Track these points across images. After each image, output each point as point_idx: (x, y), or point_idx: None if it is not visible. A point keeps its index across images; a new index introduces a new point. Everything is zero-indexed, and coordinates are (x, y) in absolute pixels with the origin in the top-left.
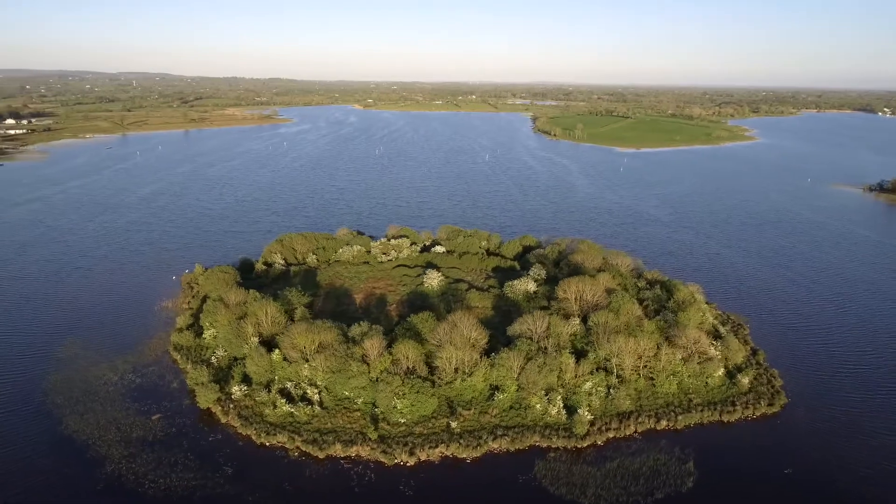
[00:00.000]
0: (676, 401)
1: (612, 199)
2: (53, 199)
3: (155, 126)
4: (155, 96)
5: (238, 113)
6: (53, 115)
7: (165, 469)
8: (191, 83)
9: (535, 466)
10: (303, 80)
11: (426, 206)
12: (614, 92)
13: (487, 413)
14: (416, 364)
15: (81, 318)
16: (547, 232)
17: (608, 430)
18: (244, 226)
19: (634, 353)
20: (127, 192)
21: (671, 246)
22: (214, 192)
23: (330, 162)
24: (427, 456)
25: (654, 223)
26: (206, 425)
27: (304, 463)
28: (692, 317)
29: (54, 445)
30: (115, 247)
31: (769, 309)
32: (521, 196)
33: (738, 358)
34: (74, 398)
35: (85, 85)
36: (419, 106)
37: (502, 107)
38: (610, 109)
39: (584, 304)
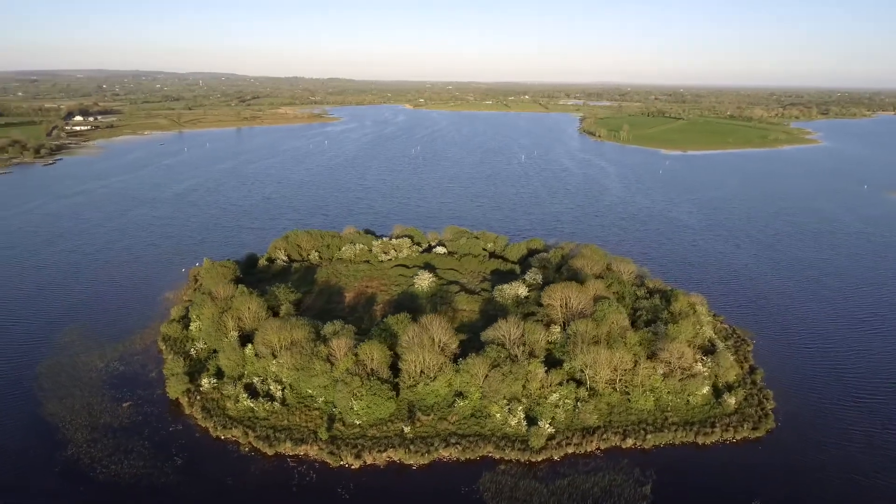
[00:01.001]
0: (651, 418)
1: (643, 203)
2: (96, 193)
3: (209, 124)
4: (217, 95)
5: (289, 112)
6: (119, 112)
7: (120, 455)
8: (253, 83)
9: (480, 478)
10: (360, 80)
11: (447, 207)
12: (674, 92)
13: (446, 420)
14: (380, 366)
15: (86, 307)
16: (566, 236)
17: (568, 445)
18: (264, 222)
19: (609, 364)
20: (164, 187)
21: (693, 254)
22: (245, 188)
23: (364, 161)
24: (373, 459)
25: (682, 229)
26: (171, 415)
27: (252, 459)
28: (684, 329)
29: (29, 427)
30: (137, 240)
31: (783, 326)
32: (548, 198)
33: (730, 376)
34: (59, 383)
35: (156, 84)
36: (469, 106)
37: (553, 107)
38: (663, 110)
39: (569, 311)
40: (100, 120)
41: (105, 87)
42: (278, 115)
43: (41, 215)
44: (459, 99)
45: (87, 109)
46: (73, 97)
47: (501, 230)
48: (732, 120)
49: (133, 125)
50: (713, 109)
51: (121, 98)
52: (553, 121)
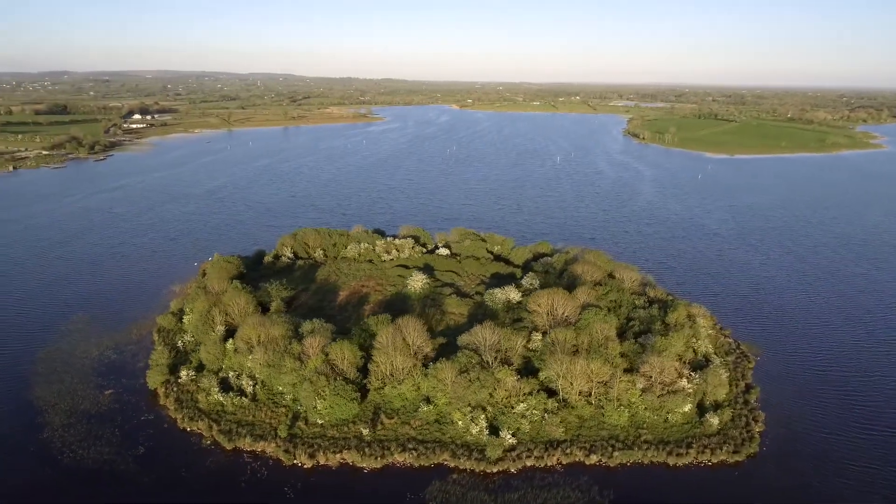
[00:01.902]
0: (623, 434)
1: (674, 208)
2: (133, 188)
3: (258, 123)
4: (272, 95)
5: (335, 111)
6: (176, 111)
7: (89, 441)
8: (309, 83)
9: (429, 486)
10: (413, 81)
11: (468, 208)
12: (734, 94)
13: (409, 424)
14: (349, 366)
15: (97, 297)
16: (582, 241)
17: (528, 458)
18: (284, 220)
19: (583, 375)
20: (198, 184)
21: (716, 264)
22: (274, 186)
23: (396, 161)
24: (326, 460)
25: (710, 237)
26: (147, 405)
27: (211, 452)
28: (674, 342)
29: (15, 410)
30: (159, 234)
31: (797, 344)
32: (574, 202)
33: (719, 394)
34: (53, 368)
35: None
36: (516, 106)
37: (601, 108)
38: (716, 112)
39: (554, 318)
40: (156, 118)
41: (169, 87)
42: (324, 114)
43: (78, 208)
44: (507, 100)
45: (146, 108)
46: (138, 96)
47: (517, 233)
48: (791, 123)
49: (185, 124)
50: (773, 112)
51: (182, 98)
52: (599, 122)
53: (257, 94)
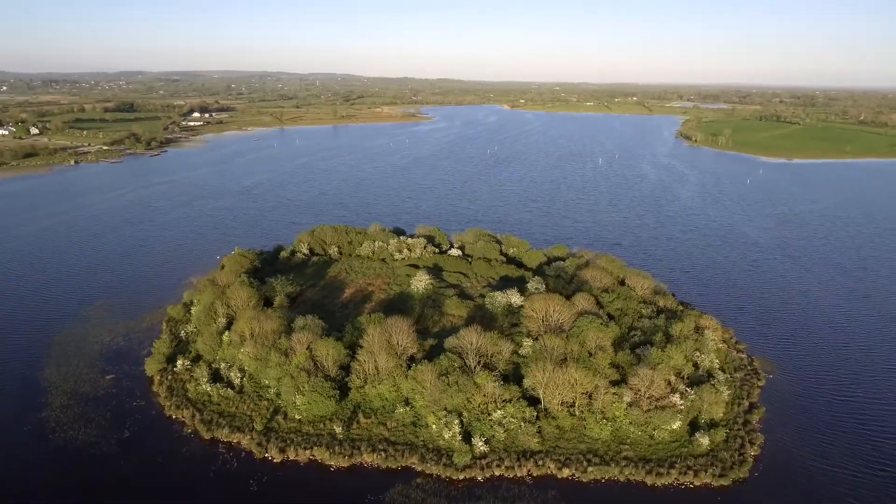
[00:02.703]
0: (603, 449)
1: (713, 215)
2: (176, 183)
3: (309, 121)
4: (328, 95)
5: (385, 111)
6: (233, 109)
7: (81, 423)
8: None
9: (391, 489)
10: (469, 81)
11: (496, 210)
12: (803, 94)
13: (384, 425)
14: (333, 364)
15: (120, 287)
16: (608, 247)
17: (498, 467)
18: (310, 217)
19: (566, 385)
20: (237, 180)
21: (746, 274)
22: (308, 184)
23: (434, 161)
24: (296, 456)
25: (746, 246)
26: (141, 391)
27: (189, 440)
28: (672, 354)
29: (22, 388)
30: (189, 229)
31: (819, 365)
32: (608, 206)
33: (716, 412)
34: (66, 351)
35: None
36: (568, 107)
37: (657, 110)
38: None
39: (549, 324)
40: (213, 116)
41: (233, 86)
42: (374, 113)
43: (121, 202)
44: (560, 100)
45: (206, 107)
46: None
47: (542, 237)
48: (862, 126)
49: (240, 122)
50: (843, 114)
51: (243, 97)
52: (652, 124)
53: (314, 93)
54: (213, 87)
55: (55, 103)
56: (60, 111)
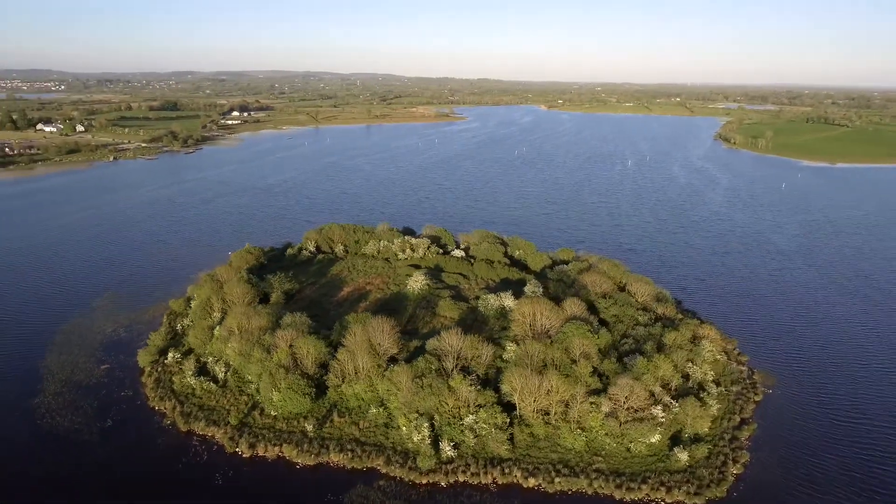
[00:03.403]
0: (574, 460)
1: (741, 220)
2: (205, 180)
3: (343, 121)
4: (367, 94)
5: (419, 111)
6: (272, 108)
7: (69, 410)
8: (406, 83)
9: (351, 490)
10: (508, 81)
11: (512, 211)
12: (859, 95)
13: (357, 425)
14: (313, 362)
15: (130, 279)
16: (622, 252)
17: (463, 473)
18: (326, 216)
19: (541, 392)
20: (263, 177)
21: (763, 283)
22: (330, 182)
23: (459, 161)
24: (264, 452)
25: (770, 254)
26: (131, 382)
27: (167, 431)
28: (660, 364)
29: (23, 374)
30: (207, 225)
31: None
32: (630, 209)
33: (700, 426)
34: (69, 340)
35: (320, 84)
36: (607, 108)
37: (699, 111)
38: (826, 116)
39: (536, 329)
40: (252, 115)
41: (276, 86)
42: (408, 113)
43: (148, 198)
44: (599, 101)
45: (246, 106)
46: (247, 95)
47: (555, 240)
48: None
49: (276, 120)
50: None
51: (284, 96)
52: (692, 125)
53: (354, 93)
54: (258, 87)
55: (106, 102)
56: (109, 109)
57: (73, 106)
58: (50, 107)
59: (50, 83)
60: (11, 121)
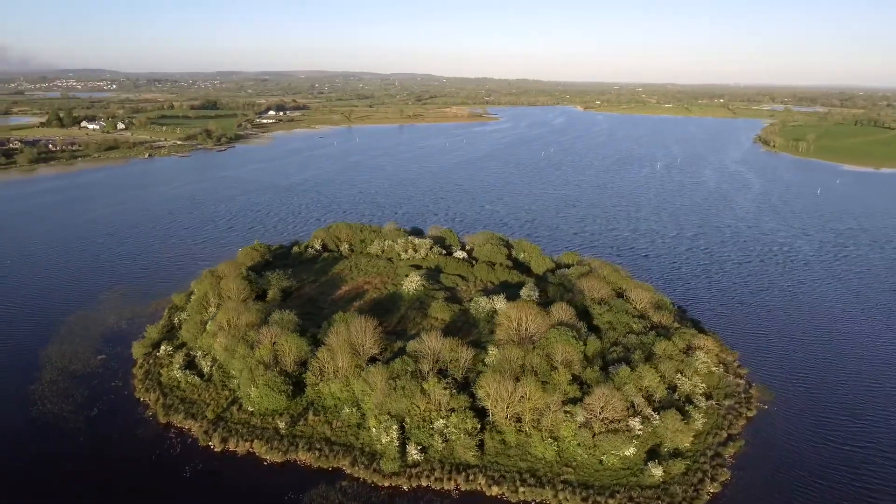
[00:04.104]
0: (543, 469)
1: (766, 227)
2: (230, 178)
3: (376, 120)
4: (404, 94)
5: (453, 111)
6: (307, 108)
7: (59, 398)
8: (444, 83)
9: (312, 489)
10: (547, 81)
11: (527, 214)
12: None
13: (330, 424)
14: (294, 359)
15: (140, 274)
16: (633, 257)
17: (427, 478)
18: (340, 215)
19: (513, 399)
20: (287, 176)
21: (779, 296)
22: (351, 182)
23: (483, 162)
24: (235, 447)
25: (792, 265)
26: (122, 373)
27: (147, 423)
28: (645, 374)
29: (26, 363)
30: (223, 222)
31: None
32: (651, 214)
33: (681, 441)
34: (72, 331)
35: (359, 84)
36: (645, 109)
37: (743, 112)
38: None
39: (522, 334)
40: (287, 114)
41: (317, 86)
42: (441, 113)
43: (172, 195)
44: (638, 101)
45: (283, 105)
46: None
47: (565, 243)
48: None
49: (310, 120)
50: None
51: (322, 96)
52: (733, 127)
53: (391, 93)
54: (298, 87)
55: (152, 101)
56: (153, 108)
57: (119, 104)
58: (99, 105)
59: (102, 82)
60: (58, 118)
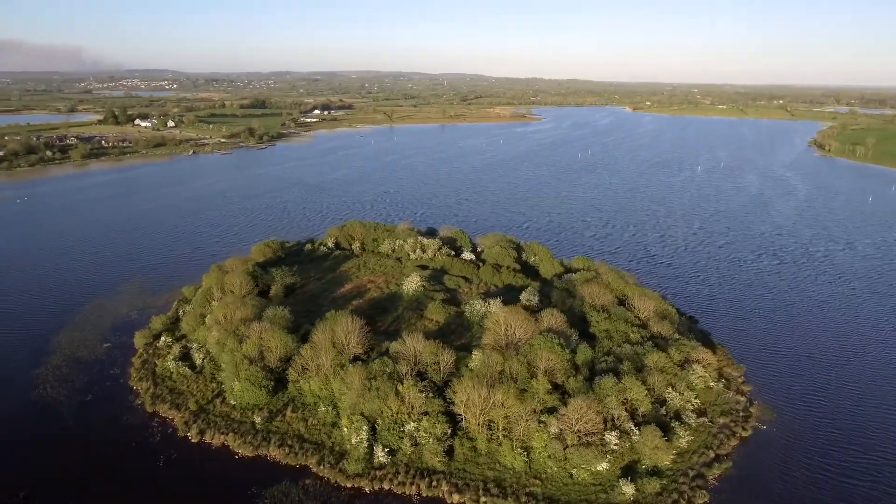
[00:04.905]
0: (511, 480)
1: (805, 236)
2: (263, 176)
3: (418, 120)
4: (450, 94)
5: (496, 111)
6: (352, 107)
7: (60, 384)
8: (493, 83)
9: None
10: (598, 81)
11: (550, 218)
12: None
13: (306, 421)
14: (274, 356)
15: (160, 266)
16: (654, 266)
17: (391, 482)
18: (359, 213)
19: (486, 405)
20: (318, 174)
21: (805, 310)
22: (379, 182)
23: (515, 164)
24: (211, 439)
25: (827, 277)
26: (122, 361)
27: (134, 411)
28: (630, 386)
29: (39, 348)
30: (245, 218)
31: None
32: (681, 220)
33: (661, 459)
34: (87, 320)
35: (408, 84)
36: (697, 110)
37: (802, 114)
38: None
39: (510, 339)
40: (331, 114)
41: (366, 85)
42: (483, 113)
43: (206, 191)
44: (690, 103)
45: (328, 105)
46: (335, 94)
47: (583, 248)
48: None
49: (353, 119)
50: None
51: (371, 95)
52: (789, 130)
53: (438, 93)
54: (348, 87)
55: (207, 100)
56: (205, 106)
57: (175, 103)
58: (157, 104)
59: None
60: (114, 116)
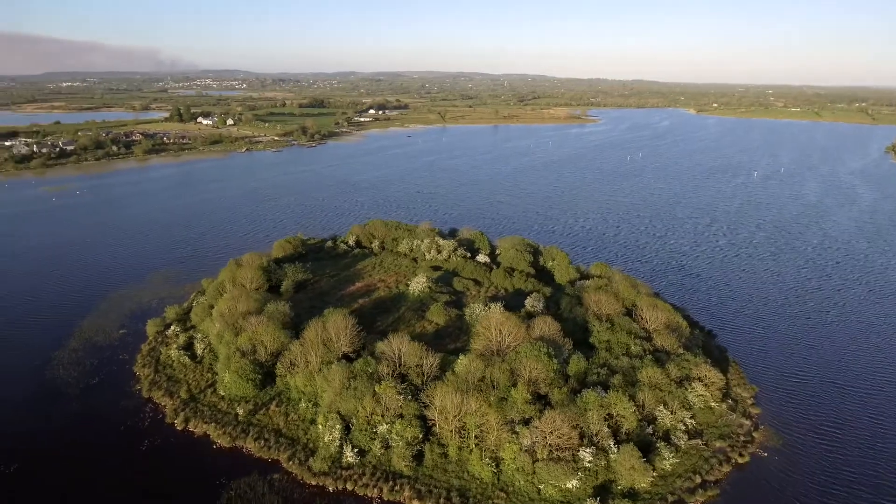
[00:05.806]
0: (476, 491)
1: (860, 249)
2: (308, 172)
3: (471, 120)
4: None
5: (551, 112)
6: (407, 108)
7: (72, 366)
8: (555, 83)
9: (243, 478)
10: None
11: (580, 223)
12: None
13: (287, 416)
14: (264, 350)
15: (184, 259)
16: (683, 277)
17: (355, 483)
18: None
19: (460, 412)
20: (359, 173)
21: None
22: (416, 181)
23: (559, 166)
24: (194, 428)
25: (876, 296)
26: (132, 347)
27: (132, 396)
28: (614, 401)
29: (64, 333)
30: (273, 216)
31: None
32: (724, 229)
33: (638, 480)
34: (110, 306)
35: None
36: (767, 113)
37: (885, 118)
38: None
39: (501, 344)
40: (385, 113)
41: (426, 86)
42: (538, 114)
43: (248, 188)
44: (760, 105)
45: (384, 105)
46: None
47: (607, 255)
48: None
49: (405, 119)
50: None
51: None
52: (866, 135)
53: (497, 93)
54: (409, 87)
55: (271, 99)
56: (267, 105)
57: (240, 102)
58: (223, 102)
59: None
60: (179, 114)
